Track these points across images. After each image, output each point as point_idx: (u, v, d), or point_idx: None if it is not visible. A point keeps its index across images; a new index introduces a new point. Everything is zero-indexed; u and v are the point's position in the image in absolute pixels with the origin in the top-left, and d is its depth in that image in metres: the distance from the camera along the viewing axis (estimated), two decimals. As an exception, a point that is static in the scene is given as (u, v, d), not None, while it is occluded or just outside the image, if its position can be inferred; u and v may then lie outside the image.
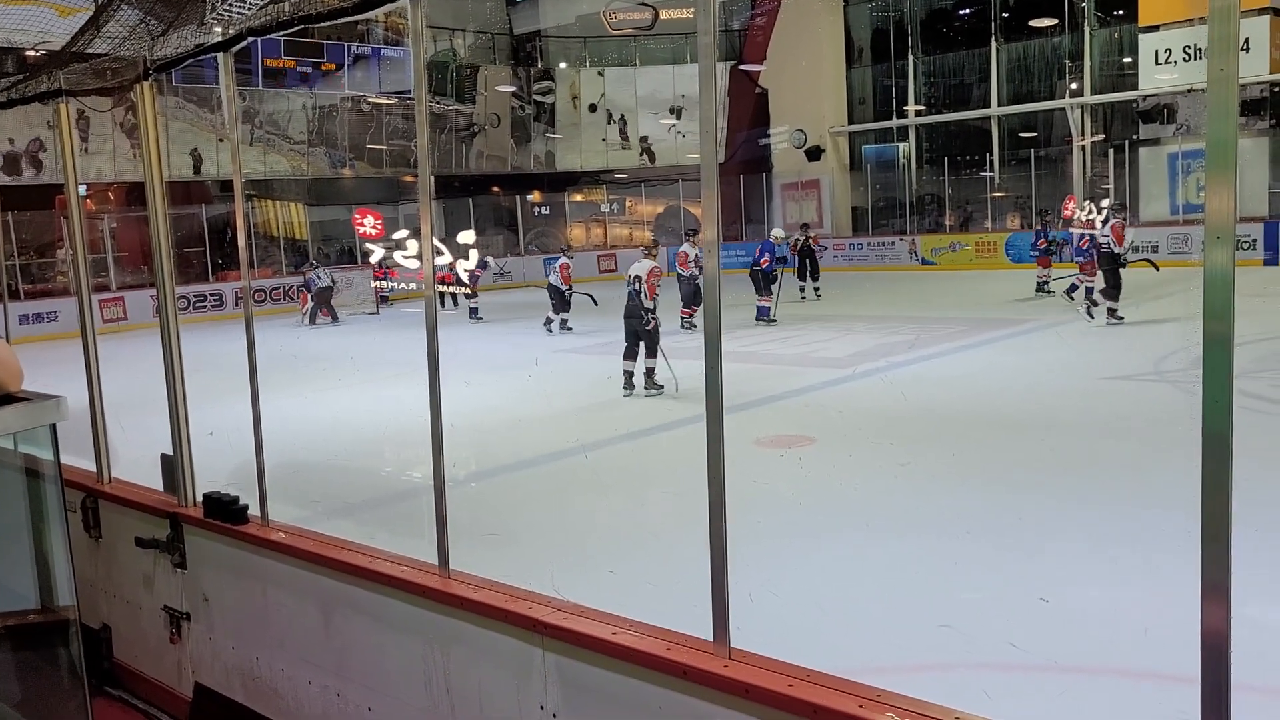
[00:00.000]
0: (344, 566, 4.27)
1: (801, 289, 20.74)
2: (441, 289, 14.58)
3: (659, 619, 3.35)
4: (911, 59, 30.89)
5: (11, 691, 3.48)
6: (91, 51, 5.39)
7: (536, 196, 33.99)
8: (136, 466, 5.95)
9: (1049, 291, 19.00)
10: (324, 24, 4.15)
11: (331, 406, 12.27)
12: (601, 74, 33.80)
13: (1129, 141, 26.64)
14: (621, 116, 33.64)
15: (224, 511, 4.94)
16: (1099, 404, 10.31)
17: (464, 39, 33.11)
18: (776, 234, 19.39)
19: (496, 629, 3.64)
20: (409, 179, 30.84)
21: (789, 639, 4.26)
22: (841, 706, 2.75)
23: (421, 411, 4.06)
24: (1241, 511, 2.18)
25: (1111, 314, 14.98)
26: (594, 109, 33.88)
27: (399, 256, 5.99)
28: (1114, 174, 26.49)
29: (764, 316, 17.86)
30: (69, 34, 5.62)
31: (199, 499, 5.19)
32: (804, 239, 21.64)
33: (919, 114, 31.01)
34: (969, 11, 30.13)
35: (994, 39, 29.00)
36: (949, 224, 29.83)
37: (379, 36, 29.42)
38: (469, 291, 21.05)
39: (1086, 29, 27.40)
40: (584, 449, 9.29)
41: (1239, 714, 2.22)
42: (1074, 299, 16.90)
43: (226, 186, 27.53)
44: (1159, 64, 25.08)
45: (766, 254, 18.15)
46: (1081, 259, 16.67)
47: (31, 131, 24.13)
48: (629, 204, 34.73)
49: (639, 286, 11.91)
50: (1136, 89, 26.06)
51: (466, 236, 9.64)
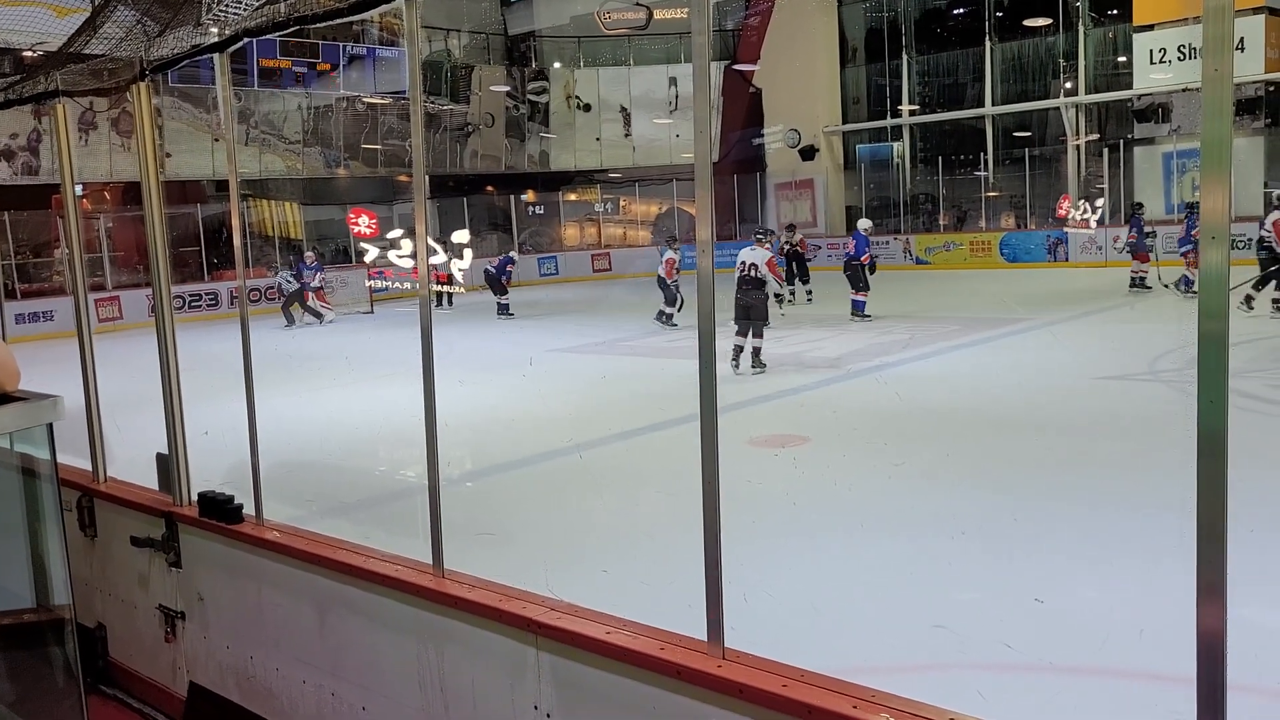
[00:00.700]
0: (338, 566, 4.27)
1: (791, 293, 20.63)
2: (436, 288, 14.57)
3: (653, 619, 3.35)
4: (906, 58, 30.92)
5: (6, 691, 3.48)
6: (88, 52, 5.38)
7: (531, 196, 33.96)
8: (132, 466, 5.94)
9: (1147, 287, 19.03)
10: (320, 25, 4.15)
11: (326, 406, 12.26)
12: (596, 73, 33.80)
13: (1124, 141, 26.70)
14: (622, 106, 33.54)
15: (219, 511, 4.94)
16: (1094, 404, 10.33)
17: (459, 39, 33.08)
18: (864, 225, 18.96)
19: (491, 628, 3.64)
20: (404, 179, 30.84)
21: (783, 639, 4.26)
22: (835, 707, 2.75)
23: (416, 411, 4.06)
24: (1237, 511, 2.19)
25: (1276, 305, 15.23)
26: (589, 108, 33.87)
27: (393, 256, 5.98)
28: (1109, 173, 26.55)
29: (860, 311, 17.79)
30: (66, 34, 5.62)
31: (194, 498, 5.18)
32: (791, 243, 21.56)
33: (913, 113, 31.05)
34: (963, 11, 30.17)
35: (988, 38, 29.04)
36: (943, 223, 29.87)
37: (374, 37, 29.35)
38: (498, 290, 21.66)
39: (1081, 28, 27.45)
40: (578, 448, 9.29)
41: (1235, 715, 2.23)
42: (1183, 290, 17.22)
43: (222, 186, 27.48)
44: (1154, 63, 25.15)
45: (864, 248, 18.00)
46: (1188, 249, 17.15)
47: (30, 122, 24.03)
48: (623, 203, 34.73)
49: (754, 272, 13.06)
50: (1131, 88, 26.13)
51: (461, 236, 9.63)
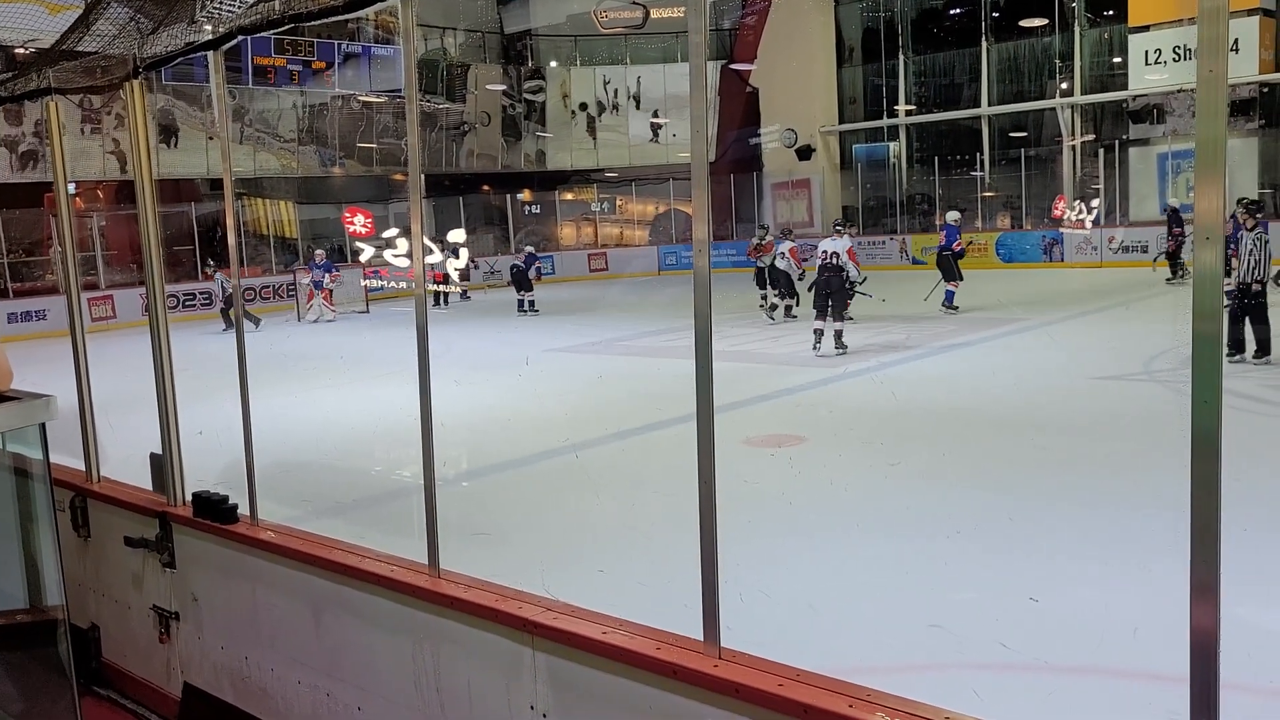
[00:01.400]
0: (334, 566, 4.26)
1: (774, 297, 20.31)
2: (433, 288, 14.58)
3: (649, 619, 3.35)
4: (902, 58, 30.95)
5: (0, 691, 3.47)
6: (81, 49, 5.36)
7: (527, 195, 33.97)
8: (126, 466, 5.93)
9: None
10: (314, 22, 4.14)
11: (321, 405, 12.24)
12: (592, 72, 33.79)
13: (1119, 141, 26.76)
14: (655, 111, 33.37)
15: (213, 511, 4.92)
16: (1089, 404, 10.35)
17: (455, 37, 33.06)
18: (954, 215, 19.20)
19: (486, 628, 3.63)
20: (399, 177, 30.82)
21: (779, 638, 4.27)
22: (831, 706, 2.74)
23: (411, 410, 4.05)
24: (1231, 511, 2.19)
25: None
26: (584, 107, 33.86)
27: (389, 255, 5.96)
28: (1104, 174, 26.59)
29: (949, 302, 17.92)
30: (58, 31, 5.59)
31: (188, 498, 5.17)
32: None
33: (909, 113, 31.07)
34: (959, 11, 30.19)
35: (984, 39, 29.08)
36: (939, 223, 29.85)
37: (369, 35, 29.33)
38: (526, 286, 22.19)
39: (1077, 29, 27.49)
40: (575, 448, 9.28)
41: (1228, 714, 2.23)
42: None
43: (216, 184, 27.44)
44: (1149, 64, 25.20)
45: (955, 239, 18.20)
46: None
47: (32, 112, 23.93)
48: (619, 203, 34.74)
49: (835, 260, 14.21)
50: (1126, 89, 26.18)
51: (457, 235, 9.65)
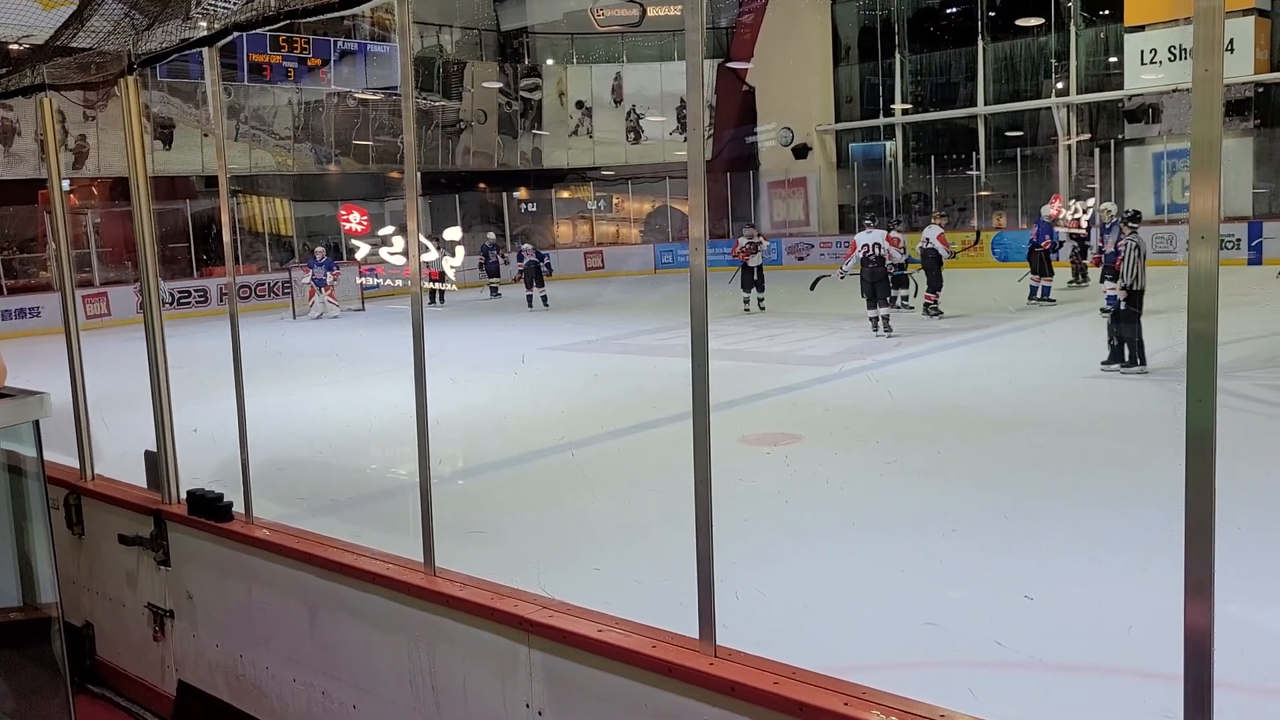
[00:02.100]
0: (329, 564, 4.26)
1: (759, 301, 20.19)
2: (428, 286, 14.57)
3: (645, 617, 3.35)
4: (898, 57, 30.96)
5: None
6: (75, 46, 5.35)
7: (523, 193, 33.96)
8: (120, 463, 5.92)
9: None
10: (310, 19, 4.13)
11: (317, 403, 12.23)
12: (589, 70, 33.78)
13: (1114, 141, 26.77)
14: (634, 107, 33.45)
15: (208, 509, 4.92)
16: (1084, 402, 10.36)
17: (451, 35, 33.02)
18: (1047, 210, 19.08)
19: (482, 626, 3.63)
20: (395, 175, 30.76)
21: (775, 637, 4.27)
22: (827, 704, 2.75)
23: (407, 408, 4.05)
24: (1225, 510, 2.19)
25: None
26: (580, 105, 33.84)
27: (385, 253, 5.96)
28: (1099, 173, 26.61)
29: (1044, 296, 17.92)
30: (53, 27, 5.58)
31: (183, 496, 5.16)
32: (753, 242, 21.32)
33: (905, 112, 31.09)
34: (956, 10, 30.19)
35: (980, 38, 29.09)
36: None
37: (365, 32, 29.29)
38: (539, 283, 22.85)
39: (1072, 28, 27.50)
40: (570, 446, 9.28)
41: (1221, 712, 2.23)
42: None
43: (211, 182, 27.41)
44: (1144, 64, 25.22)
45: (1046, 235, 18.22)
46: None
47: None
48: (615, 201, 34.72)
49: (878, 250, 15.40)
50: (1122, 88, 26.20)
51: (453, 233, 9.61)
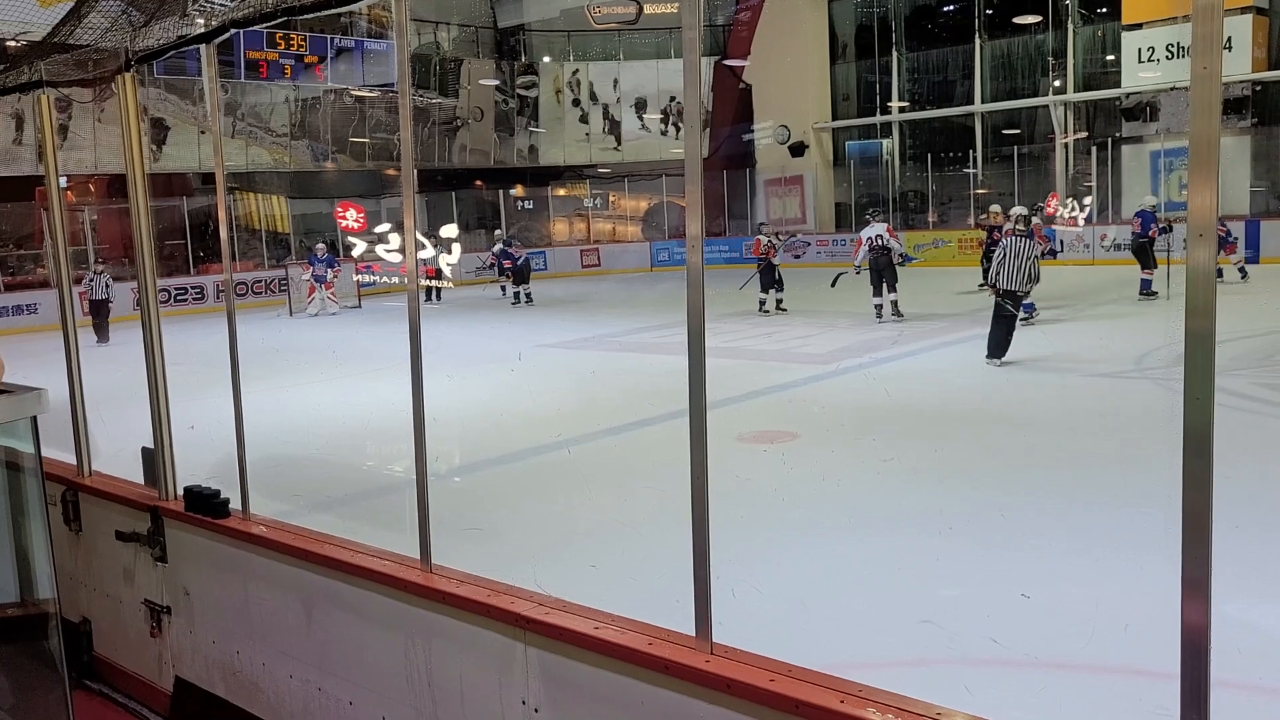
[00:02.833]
0: (325, 560, 4.25)
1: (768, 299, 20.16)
2: (425, 283, 14.58)
3: (641, 614, 3.35)
4: (895, 55, 30.97)
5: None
6: (73, 42, 5.34)
7: (519, 191, 33.95)
8: (117, 460, 5.92)
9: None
10: (307, 16, 4.13)
11: (313, 400, 12.23)
12: (586, 68, 33.76)
13: (1112, 139, 26.80)
14: (605, 107, 33.57)
15: (205, 505, 4.91)
16: (1081, 401, 10.37)
17: (448, 32, 33.02)
18: (1149, 201, 18.68)
19: (478, 623, 3.63)
20: (392, 172, 30.76)
21: (771, 634, 4.27)
22: (823, 702, 2.75)
23: (403, 405, 4.04)
24: (1222, 508, 2.19)
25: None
26: (577, 103, 33.85)
27: (381, 250, 5.96)
28: (1097, 171, 26.66)
29: (1147, 290, 17.58)
30: (50, 24, 5.58)
31: (180, 493, 5.16)
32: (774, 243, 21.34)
33: (902, 110, 31.11)
34: (953, 8, 30.21)
35: (978, 35, 29.11)
36: (932, 220, 29.90)
37: (362, 29, 29.27)
38: (525, 279, 23.84)
39: (1070, 26, 27.53)
40: (567, 444, 9.28)
41: (1218, 710, 2.23)
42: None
43: (208, 179, 27.39)
44: (1142, 62, 25.25)
45: (1151, 225, 17.74)
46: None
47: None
48: (612, 199, 34.72)
49: (881, 241, 16.23)
50: (1119, 86, 26.22)
51: (449, 230, 9.62)
